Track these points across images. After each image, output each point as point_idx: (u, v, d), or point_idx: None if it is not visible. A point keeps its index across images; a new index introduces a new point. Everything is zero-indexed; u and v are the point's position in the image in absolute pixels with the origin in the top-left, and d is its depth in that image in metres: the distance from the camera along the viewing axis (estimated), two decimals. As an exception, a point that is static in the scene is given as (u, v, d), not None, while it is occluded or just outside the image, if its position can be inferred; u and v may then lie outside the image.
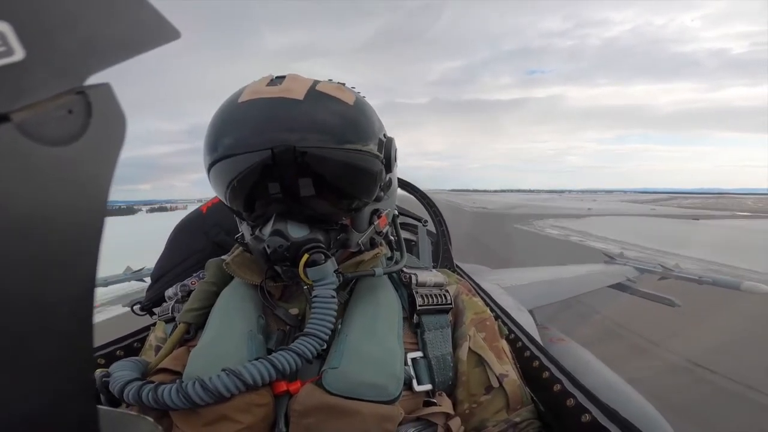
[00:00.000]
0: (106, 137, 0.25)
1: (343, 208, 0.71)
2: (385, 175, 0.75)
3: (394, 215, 0.88)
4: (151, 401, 0.57)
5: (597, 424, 0.67)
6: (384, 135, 0.74)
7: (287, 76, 0.68)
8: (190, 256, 1.16)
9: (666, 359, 5.17)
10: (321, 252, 0.64)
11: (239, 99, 0.66)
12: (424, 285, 0.78)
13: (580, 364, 2.70)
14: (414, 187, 2.25)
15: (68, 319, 0.24)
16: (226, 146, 0.65)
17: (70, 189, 0.23)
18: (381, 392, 0.60)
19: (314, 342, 0.62)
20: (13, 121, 0.21)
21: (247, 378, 0.57)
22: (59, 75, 0.22)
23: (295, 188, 0.65)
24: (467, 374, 0.73)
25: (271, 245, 0.64)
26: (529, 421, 0.72)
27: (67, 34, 0.22)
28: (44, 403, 0.23)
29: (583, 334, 5.12)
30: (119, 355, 1.00)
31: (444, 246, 2.13)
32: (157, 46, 0.26)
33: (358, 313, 0.71)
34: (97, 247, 0.25)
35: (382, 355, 0.65)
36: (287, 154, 0.62)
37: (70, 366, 0.24)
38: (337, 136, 0.65)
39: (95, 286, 0.25)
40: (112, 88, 0.25)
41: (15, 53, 0.20)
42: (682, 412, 3.75)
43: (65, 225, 0.23)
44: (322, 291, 0.64)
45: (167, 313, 0.81)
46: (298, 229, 0.66)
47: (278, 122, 0.63)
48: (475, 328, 0.78)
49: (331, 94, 0.67)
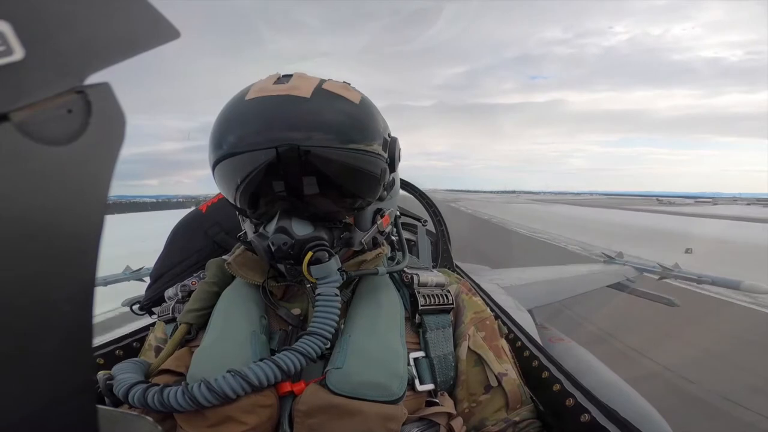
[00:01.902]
0: (105, 137, 0.24)
1: (347, 206, 0.71)
2: (389, 174, 0.75)
3: (396, 215, 0.88)
4: (156, 404, 0.57)
5: (596, 424, 0.67)
6: (388, 134, 0.74)
7: (294, 74, 0.68)
8: (190, 256, 1.16)
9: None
10: (325, 250, 0.64)
11: (246, 96, 0.66)
12: (426, 285, 0.79)
13: (579, 364, 2.70)
14: (414, 186, 2.25)
15: (68, 318, 0.24)
16: (231, 143, 0.65)
17: (70, 189, 0.23)
18: (384, 392, 0.60)
19: (318, 341, 0.62)
20: (12, 120, 0.21)
21: (253, 379, 0.57)
22: (59, 74, 0.22)
23: (299, 187, 0.65)
24: (466, 373, 0.73)
25: (275, 242, 0.64)
26: (529, 421, 0.72)
27: (67, 33, 0.22)
28: (44, 402, 0.23)
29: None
30: (119, 354, 1.00)
31: (444, 246, 2.13)
32: (156, 46, 0.26)
33: (361, 314, 0.71)
34: (97, 246, 0.25)
35: (386, 355, 0.65)
36: (292, 153, 0.62)
37: (70, 366, 0.24)
38: (343, 135, 0.65)
39: (95, 285, 0.25)
40: (111, 88, 0.25)
41: (15, 53, 0.20)
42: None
43: (65, 225, 0.23)
44: (326, 289, 0.64)
45: (167, 313, 0.81)
46: (302, 226, 0.66)
47: (284, 120, 0.63)
48: (475, 327, 0.78)
49: (338, 93, 0.67)
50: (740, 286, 5.45)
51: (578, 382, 0.78)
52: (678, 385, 4.49)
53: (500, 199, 79.05)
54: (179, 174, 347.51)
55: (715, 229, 21.17)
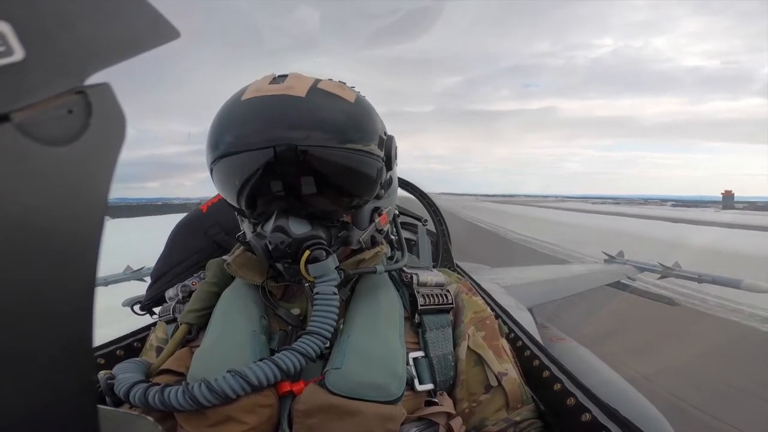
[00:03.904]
0: (106, 137, 0.24)
1: (344, 205, 0.71)
2: (386, 173, 0.75)
3: (395, 214, 0.88)
4: (157, 403, 0.57)
5: (597, 424, 0.67)
6: (384, 133, 0.74)
7: (290, 74, 0.68)
8: (191, 256, 1.16)
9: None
10: (322, 248, 0.64)
11: (242, 97, 0.66)
12: (426, 285, 0.78)
13: (580, 364, 2.70)
14: (414, 186, 2.25)
15: (69, 319, 0.24)
16: (228, 144, 0.65)
17: (70, 189, 0.23)
18: (383, 392, 0.60)
19: (317, 340, 0.62)
20: (12, 121, 0.21)
21: (253, 379, 0.57)
22: (59, 75, 0.22)
23: (297, 186, 0.65)
24: (466, 373, 0.73)
25: (272, 241, 0.65)
26: (530, 421, 0.72)
27: (67, 34, 0.22)
28: (44, 403, 0.23)
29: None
30: (119, 354, 1.00)
31: (444, 245, 2.13)
32: (157, 46, 0.26)
33: (360, 313, 0.71)
34: (98, 246, 0.25)
35: (385, 355, 0.65)
36: (289, 153, 0.62)
37: (70, 366, 0.24)
38: (339, 134, 0.65)
39: (95, 285, 0.25)
40: (111, 88, 0.25)
41: (15, 53, 0.20)
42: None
43: (65, 225, 0.23)
44: (324, 288, 0.64)
45: (168, 313, 0.81)
46: (300, 225, 0.66)
47: (280, 120, 0.64)
48: (475, 326, 0.78)
49: (333, 92, 0.67)
50: (740, 285, 5.43)
51: (579, 381, 0.78)
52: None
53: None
54: (180, 176, 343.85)
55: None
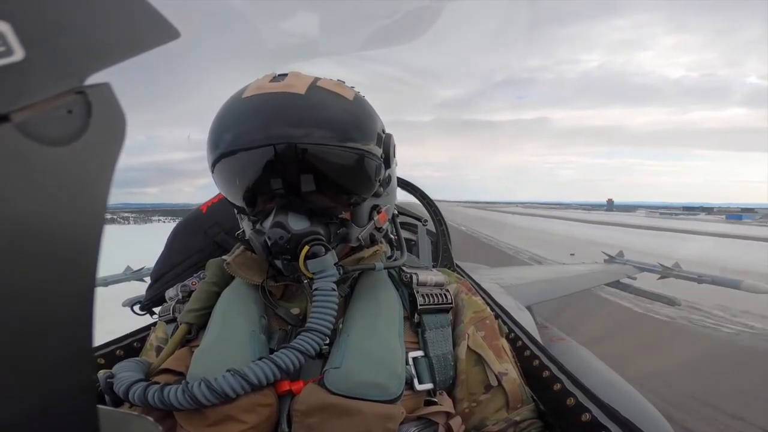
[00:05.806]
0: (106, 137, 0.24)
1: (343, 202, 0.72)
2: (384, 171, 0.75)
3: (394, 214, 0.88)
4: (157, 402, 0.57)
5: (597, 423, 0.67)
6: (383, 131, 0.75)
7: (289, 73, 0.69)
8: (190, 256, 1.16)
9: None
10: (321, 244, 0.65)
11: (243, 95, 0.67)
12: (425, 284, 0.78)
13: (580, 364, 2.70)
14: (414, 186, 2.25)
15: (68, 319, 0.24)
16: (229, 142, 0.66)
17: (70, 189, 0.23)
18: (383, 392, 0.60)
19: (316, 337, 0.62)
20: (13, 121, 0.21)
21: (252, 378, 0.57)
22: (59, 75, 0.22)
23: (296, 183, 0.66)
24: (466, 373, 0.73)
25: (272, 237, 0.65)
26: (530, 421, 0.72)
27: (67, 34, 0.22)
28: (45, 403, 0.23)
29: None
30: (119, 354, 1.00)
31: (444, 245, 2.13)
32: (157, 46, 0.26)
33: (359, 313, 0.71)
34: (97, 246, 0.25)
35: (384, 355, 0.65)
36: (289, 151, 0.63)
37: (70, 366, 0.24)
38: (338, 132, 0.66)
39: (95, 285, 0.25)
40: (112, 88, 0.25)
41: (15, 53, 0.20)
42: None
43: (65, 225, 0.23)
44: (323, 284, 0.64)
45: (168, 313, 0.81)
46: (299, 221, 0.66)
47: (280, 117, 0.64)
48: (474, 326, 0.78)
49: (332, 90, 0.68)
50: (740, 285, 5.44)
51: (579, 381, 0.78)
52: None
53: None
54: (180, 182, 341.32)
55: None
